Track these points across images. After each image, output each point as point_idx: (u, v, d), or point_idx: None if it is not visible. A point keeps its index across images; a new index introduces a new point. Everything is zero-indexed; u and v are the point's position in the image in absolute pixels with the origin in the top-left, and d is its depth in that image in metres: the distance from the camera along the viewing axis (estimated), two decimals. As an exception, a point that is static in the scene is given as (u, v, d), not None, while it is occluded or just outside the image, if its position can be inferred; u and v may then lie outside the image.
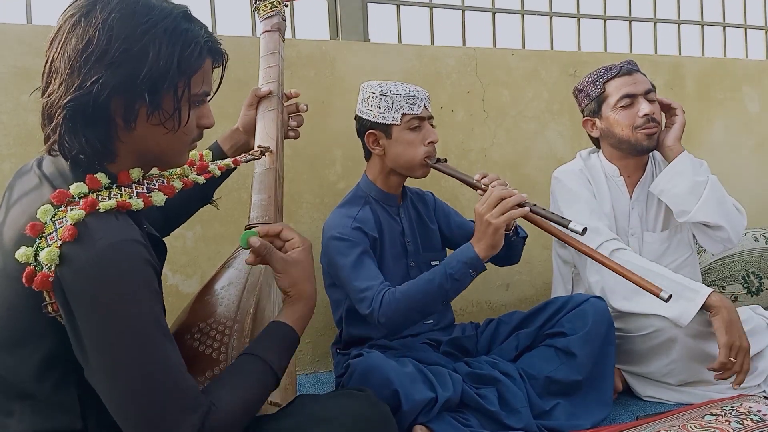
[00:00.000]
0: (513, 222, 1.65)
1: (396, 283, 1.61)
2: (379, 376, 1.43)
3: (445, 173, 1.70)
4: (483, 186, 1.58)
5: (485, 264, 1.53)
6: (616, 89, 1.88)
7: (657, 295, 1.45)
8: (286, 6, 1.64)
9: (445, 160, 1.74)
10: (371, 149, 1.74)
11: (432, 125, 1.74)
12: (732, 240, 1.86)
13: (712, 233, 1.86)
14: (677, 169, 1.84)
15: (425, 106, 1.70)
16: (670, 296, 1.43)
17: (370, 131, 1.72)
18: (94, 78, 0.91)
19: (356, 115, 1.77)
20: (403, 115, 1.67)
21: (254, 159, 1.39)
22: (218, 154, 1.45)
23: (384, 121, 1.68)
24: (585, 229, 1.46)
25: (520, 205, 1.50)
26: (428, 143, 1.70)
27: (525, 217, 1.54)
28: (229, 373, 1.01)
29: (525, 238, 1.79)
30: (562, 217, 1.50)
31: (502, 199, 1.49)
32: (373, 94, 1.70)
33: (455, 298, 1.59)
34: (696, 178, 1.82)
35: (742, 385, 1.73)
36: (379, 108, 1.68)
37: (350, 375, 1.51)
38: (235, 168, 1.39)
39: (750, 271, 2.52)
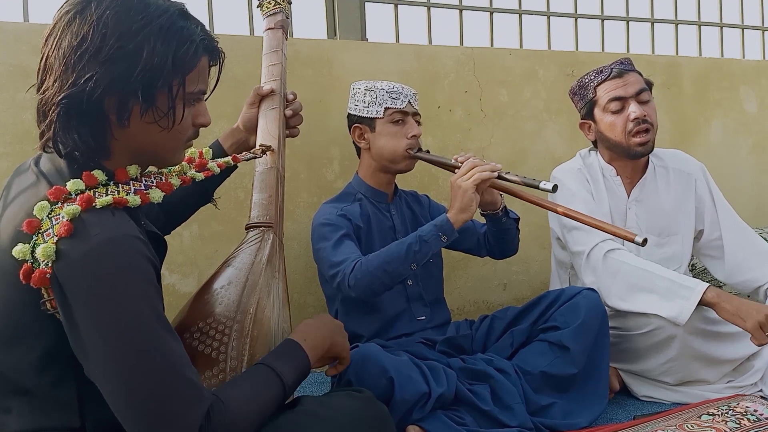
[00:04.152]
0: (500, 202, 1.69)
1: None
2: (375, 365, 1.43)
3: (427, 161, 1.77)
4: (460, 164, 1.63)
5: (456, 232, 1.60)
6: (605, 93, 1.87)
7: (632, 241, 1.48)
8: (290, 3, 1.63)
9: (428, 152, 1.79)
10: (357, 143, 1.81)
11: (418, 122, 1.79)
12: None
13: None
14: None
15: (410, 102, 1.76)
16: (645, 240, 1.47)
17: (355, 125, 1.79)
18: (88, 75, 0.90)
19: (347, 114, 1.84)
20: (386, 108, 1.74)
21: (255, 157, 1.39)
22: (219, 152, 1.45)
23: (368, 115, 1.76)
24: (555, 187, 1.51)
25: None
26: (411, 136, 1.75)
27: (498, 188, 1.63)
28: (243, 378, 1.02)
29: (517, 220, 1.80)
30: (533, 179, 1.55)
31: (474, 167, 1.57)
32: (359, 90, 1.78)
33: (423, 261, 1.62)
34: None
35: (738, 386, 1.74)
36: (364, 102, 1.76)
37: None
38: (236, 167, 1.38)
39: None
